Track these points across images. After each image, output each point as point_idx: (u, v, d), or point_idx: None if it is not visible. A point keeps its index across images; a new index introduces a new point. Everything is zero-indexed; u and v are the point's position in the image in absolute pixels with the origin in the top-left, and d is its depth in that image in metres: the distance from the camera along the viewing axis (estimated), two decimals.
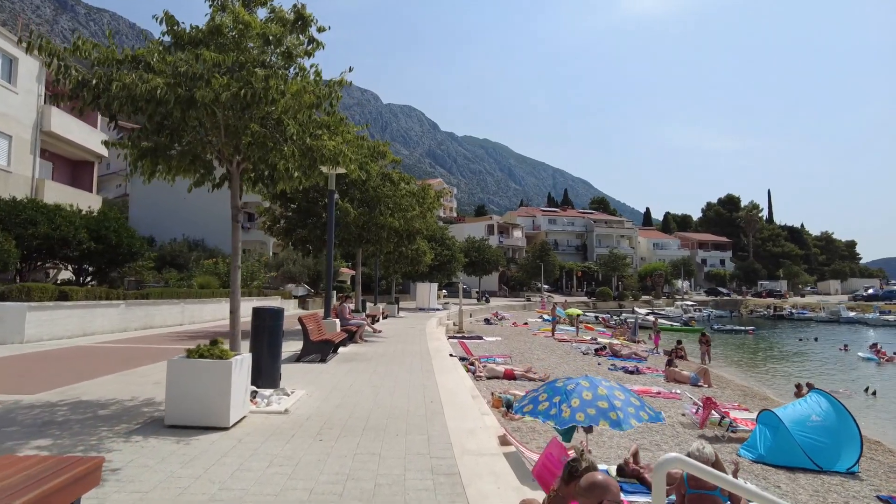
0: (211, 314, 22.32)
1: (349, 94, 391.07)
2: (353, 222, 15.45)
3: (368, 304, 27.13)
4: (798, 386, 15.88)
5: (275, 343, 7.16)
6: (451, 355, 13.21)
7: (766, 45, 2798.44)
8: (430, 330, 19.31)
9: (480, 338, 22.68)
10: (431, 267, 35.77)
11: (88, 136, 24.63)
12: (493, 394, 10.15)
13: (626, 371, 15.74)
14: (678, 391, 12.92)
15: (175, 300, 19.58)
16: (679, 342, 22.96)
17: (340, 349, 11.98)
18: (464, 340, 20.32)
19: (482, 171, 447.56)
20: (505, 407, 9.34)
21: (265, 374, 7.04)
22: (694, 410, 10.29)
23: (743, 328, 39.88)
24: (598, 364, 17.01)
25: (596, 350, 19.79)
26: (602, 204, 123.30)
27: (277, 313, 7.25)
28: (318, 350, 9.98)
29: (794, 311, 58.59)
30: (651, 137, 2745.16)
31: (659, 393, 12.53)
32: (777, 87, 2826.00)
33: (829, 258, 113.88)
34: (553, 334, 26.06)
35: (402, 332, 17.93)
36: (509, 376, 12.94)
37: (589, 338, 25.35)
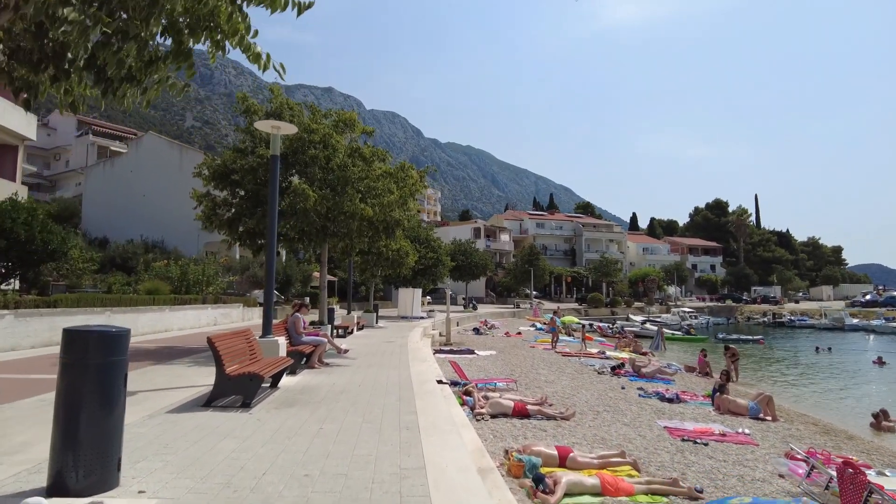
0: (149, 325, 18.55)
1: (332, 99, 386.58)
2: (312, 209, 11.94)
3: (340, 314, 23.57)
4: (876, 416, 12.70)
5: (109, 393, 3.64)
6: (439, 381, 9.80)
7: (745, 52, 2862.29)
8: (412, 344, 15.85)
9: (472, 352, 19.26)
10: (415, 271, 32.27)
11: (9, 115, 20.77)
12: (507, 453, 6.71)
13: (662, 398, 12.39)
14: (747, 431, 9.60)
15: (98, 308, 15.81)
16: (704, 353, 19.80)
17: (286, 379, 8.45)
18: (454, 358, 16.88)
19: (465, 177, 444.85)
20: (531, 479, 5.92)
21: (83, 456, 3.52)
22: (803, 472, 6.98)
23: (751, 337, 36.95)
24: (623, 389, 13.65)
25: (612, 368, 16.45)
26: (587, 209, 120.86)
27: (114, 340, 3.72)
28: (239, 389, 6.44)
29: (793, 317, 56.13)
30: (632, 145, 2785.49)
31: (724, 435, 9.18)
32: (756, 93, 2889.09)
33: (817, 263, 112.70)
34: (553, 347, 22.73)
35: (377, 348, 14.42)
36: (520, 412, 9.50)
37: (596, 351, 22.04)
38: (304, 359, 10.21)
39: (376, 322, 23.84)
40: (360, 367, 10.38)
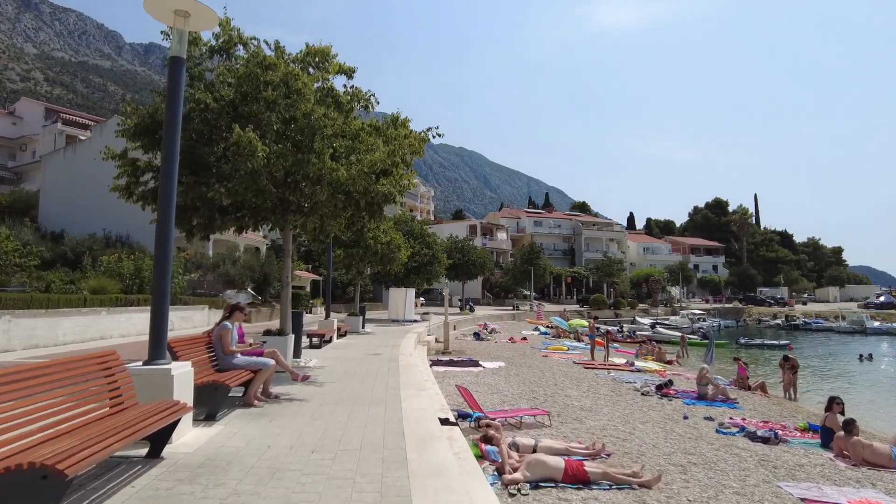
0: (76, 332, 14.89)
1: None
2: (263, 170, 8.35)
3: (317, 319, 20.00)
4: None
5: None
6: (443, 422, 6.29)
7: (740, 56, 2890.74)
8: (405, 359, 12.24)
9: (477, 363, 15.76)
10: (408, 268, 28.69)
11: None
12: None
13: (753, 437, 8.88)
14: None
15: None
16: (744, 365, 16.39)
17: (193, 434, 4.88)
18: (457, 372, 13.35)
19: (458, 178, 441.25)
20: None
21: None
22: None
23: (777, 342, 33.69)
24: (686, 419, 10.17)
25: (658, 387, 12.95)
26: (583, 209, 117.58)
27: None
28: (19, 497, 2.84)
29: (808, 320, 53.01)
30: (626, 146, 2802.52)
31: None
32: (750, 95, 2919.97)
33: (817, 264, 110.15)
34: (600, 359, 19.01)
35: (359, 364, 10.84)
36: (576, 477, 5.98)
37: (624, 361, 18.53)
38: (242, 390, 6.66)
39: (362, 327, 20.25)
40: (326, 403, 6.81)
